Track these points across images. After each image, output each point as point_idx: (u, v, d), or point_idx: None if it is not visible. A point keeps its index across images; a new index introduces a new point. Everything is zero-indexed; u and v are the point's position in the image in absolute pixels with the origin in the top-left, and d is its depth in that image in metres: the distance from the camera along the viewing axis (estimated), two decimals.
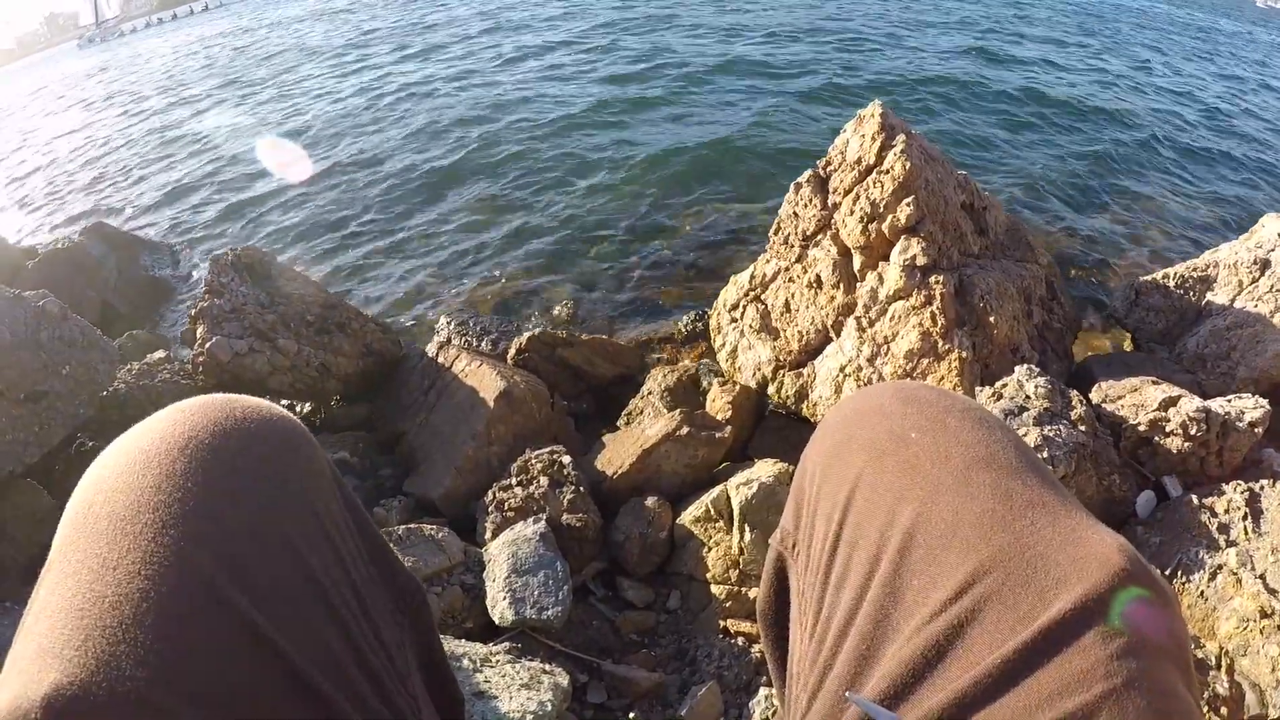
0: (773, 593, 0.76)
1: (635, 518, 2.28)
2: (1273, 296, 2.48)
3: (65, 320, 2.56)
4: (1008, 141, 6.39)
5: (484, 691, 1.55)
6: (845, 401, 0.77)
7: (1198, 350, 2.54)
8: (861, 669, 0.55)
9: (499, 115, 7.68)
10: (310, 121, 8.83)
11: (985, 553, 0.53)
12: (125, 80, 16.98)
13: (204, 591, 0.49)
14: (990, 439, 0.63)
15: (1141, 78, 8.58)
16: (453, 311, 4.34)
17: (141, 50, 23.82)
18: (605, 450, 2.56)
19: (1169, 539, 1.79)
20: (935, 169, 2.63)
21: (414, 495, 2.59)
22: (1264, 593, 1.55)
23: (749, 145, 6.28)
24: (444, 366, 2.96)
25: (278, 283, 3.22)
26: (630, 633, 2.11)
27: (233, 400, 0.61)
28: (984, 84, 7.81)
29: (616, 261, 4.77)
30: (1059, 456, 1.81)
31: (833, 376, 2.58)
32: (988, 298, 2.44)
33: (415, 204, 6.00)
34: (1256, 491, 1.77)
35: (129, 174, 8.56)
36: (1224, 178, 6.00)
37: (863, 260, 2.59)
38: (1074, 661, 0.46)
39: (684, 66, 8.75)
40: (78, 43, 39.58)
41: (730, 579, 2.12)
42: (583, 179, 5.97)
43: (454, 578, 2.03)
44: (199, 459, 0.54)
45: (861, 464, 0.65)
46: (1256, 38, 12.30)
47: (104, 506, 0.52)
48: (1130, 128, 6.86)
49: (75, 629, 0.46)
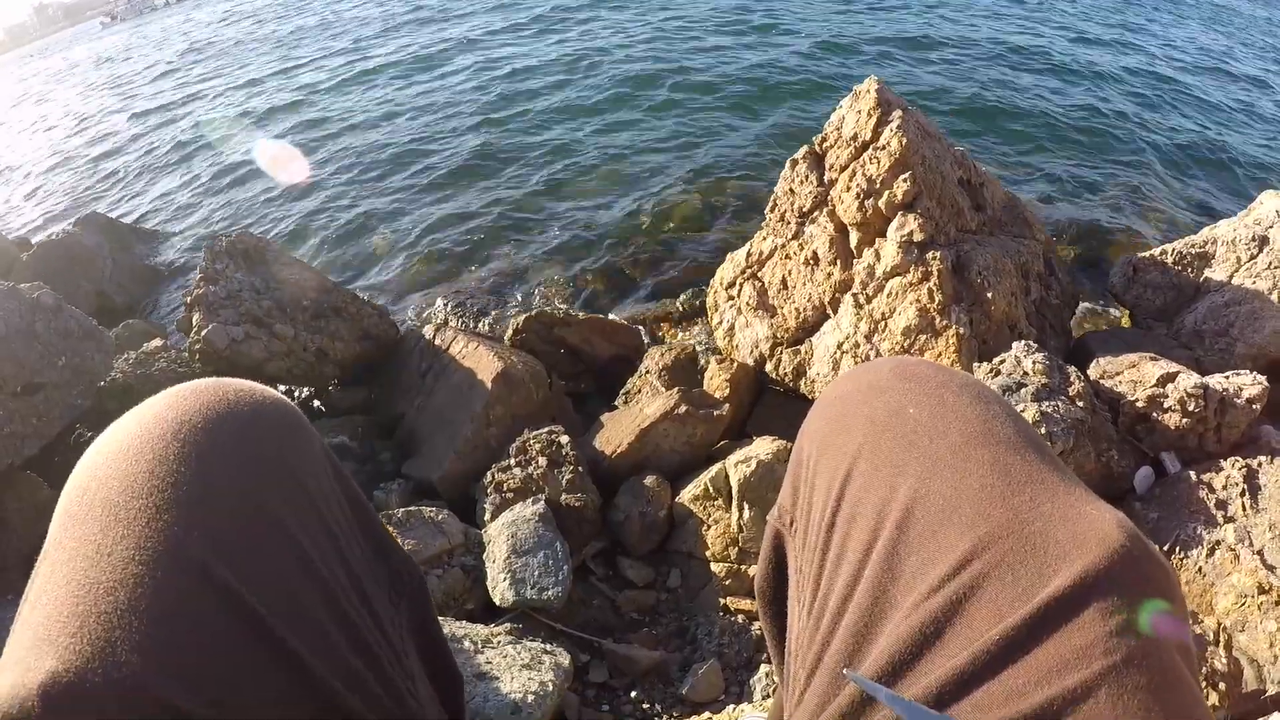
0: (771, 570, 0.76)
1: (634, 497, 2.29)
2: (1271, 273, 2.47)
3: (61, 311, 2.54)
4: (1005, 116, 6.34)
5: (486, 673, 1.56)
6: (842, 377, 0.76)
7: (1196, 327, 2.54)
8: (860, 645, 0.55)
9: (498, 101, 7.61)
10: (313, 107, 8.75)
11: (984, 528, 0.53)
12: (126, 65, 16.76)
13: (198, 576, 0.49)
14: (989, 414, 0.63)
15: (1142, 49, 8.50)
16: (449, 293, 4.34)
17: (156, 30, 23.32)
18: (603, 430, 2.56)
19: (1167, 515, 1.79)
20: (932, 145, 2.61)
21: (413, 478, 2.59)
22: (1262, 568, 1.56)
23: (746, 121, 6.24)
24: (441, 349, 2.95)
25: (273, 268, 3.20)
26: (631, 611, 2.13)
27: (225, 384, 0.61)
28: (980, 51, 7.74)
29: (612, 241, 4.75)
30: (1057, 432, 1.81)
31: (830, 353, 2.58)
32: (985, 274, 2.43)
33: (411, 189, 5.96)
34: (1254, 468, 1.77)
35: (122, 163, 8.50)
36: (1224, 154, 5.96)
37: (859, 237, 2.57)
38: (1074, 637, 0.46)
39: (683, 48, 8.66)
40: (101, 21, 38.77)
41: (730, 557, 2.12)
42: (578, 160, 5.93)
43: (454, 560, 2.03)
44: (192, 443, 0.54)
45: (859, 440, 0.65)
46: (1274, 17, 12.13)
47: (98, 493, 0.52)
48: (1129, 101, 6.81)
49: (70, 616, 0.45)
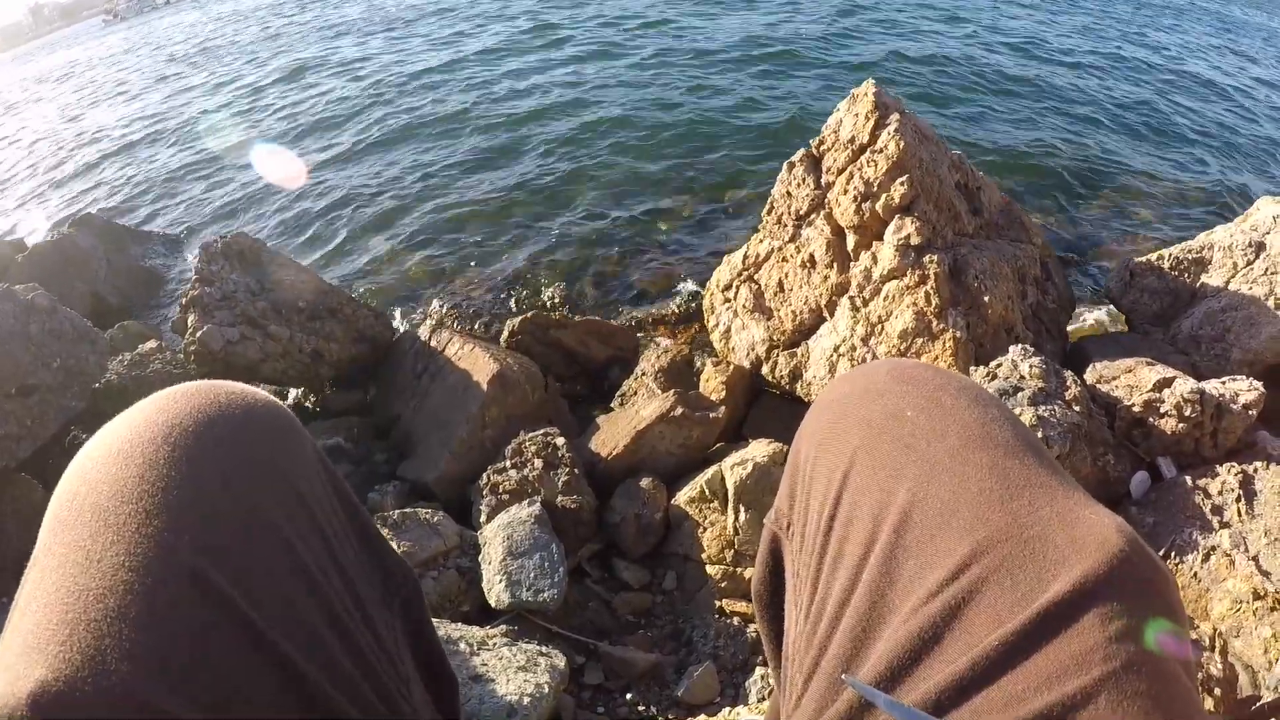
0: (768, 573, 0.75)
1: (630, 499, 2.28)
2: (1268, 279, 2.47)
3: (55, 313, 2.54)
4: (1000, 121, 6.35)
5: (481, 675, 1.55)
6: (840, 379, 0.76)
7: (1192, 332, 2.54)
8: (858, 650, 0.54)
9: (497, 103, 7.59)
10: (310, 109, 8.71)
11: (983, 533, 0.52)
12: (125, 65, 16.66)
13: (189, 582, 0.48)
14: (987, 417, 0.62)
15: (1138, 55, 8.53)
16: (445, 295, 4.33)
17: (158, 28, 23.08)
18: (599, 432, 2.55)
19: (1163, 520, 1.79)
20: (929, 148, 2.62)
21: (409, 479, 2.59)
22: (1257, 574, 1.56)
23: (742, 124, 6.24)
24: (437, 350, 2.95)
25: (268, 269, 3.19)
26: (626, 614, 2.12)
27: (217, 386, 0.60)
28: (981, 64, 7.76)
29: (609, 243, 4.75)
30: (1054, 436, 1.81)
31: (827, 356, 2.58)
32: (982, 277, 2.43)
33: (408, 191, 5.94)
34: (1250, 473, 1.77)
35: (118, 165, 8.45)
36: (1222, 159, 5.98)
37: (856, 240, 2.57)
38: (1073, 643, 0.46)
39: (681, 44, 8.66)
40: (103, 19, 38.18)
41: (725, 559, 2.12)
42: (575, 163, 5.92)
43: (450, 561, 2.03)
44: (182, 447, 0.53)
45: (856, 443, 0.64)
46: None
47: (87, 498, 0.51)
48: (1126, 108, 6.82)
49: (60, 624, 0.45)
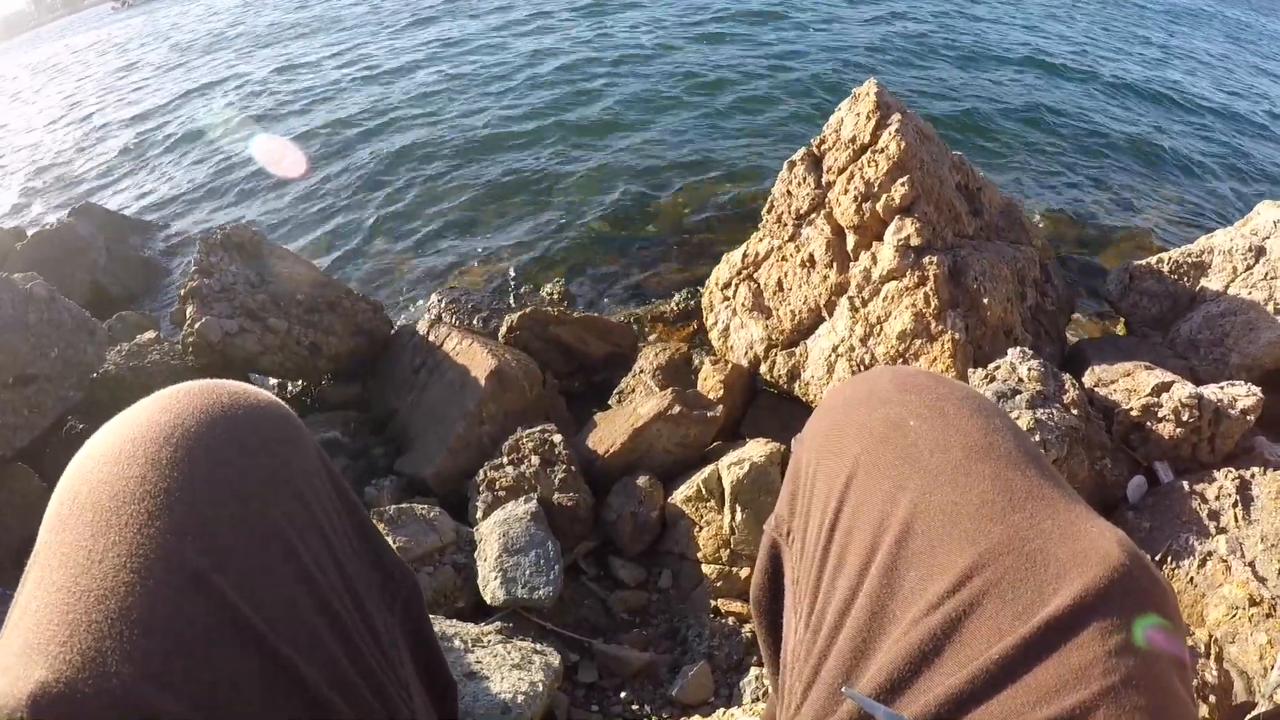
0: (767, 579, 0.75)
1: (627, 497, 2.28)
2: (1267, 284, 2.48)
3: (53, 302, 2.52)
4: (1003, 123, 6.35)
5: (475, 672, 1.55)
6: (842, 386, 0.76)
7: (1191, 336, 2.54)
8: (857, 661, 0.54)
9: (498, 97, 7.58)
10: (314, 101, 8.67)
11: (984, 545, 0.52)
12: (129, 54, 16.55)
13: (190, 584, 0.48)
14: (989, 428, 0.62)
15: (1139, 59, 8.53)
16: (444, 289, 4.31)
17: (168, 17, 22.82)
18: (597, 429, 2.55)
19: (1159, 524, 1.80)
20: (930, 149, 2.61)
21: (405, 474, 2.58)
22: (1253, 580, 1.56)
23: (745, 122, 6.23)
24: (435, 345, 2.94)
25: (268, 261, 3.18)
26: (622, 612, 2.12)
27: (219, 386, 0.60)
28: (984, 61, 7.75)
29: (608, 239, 4.74)
30: (1051, 440, 1.81)
31: (825, 356, 2.58)
32: (981, 279, 2.43)
33: (407, 184, 5.92)
34: (1247, 479, 1.78)
35: (119, 154, 8.40)
36: (1221, 163, 5.98)
37: (856, 240, 2.57)
38: (1073, 657, 0.46)
39: (680, 45, 8.65)
40: (111, 6, 37.37)
41: (721, 559, 2.12)
42: (576, 160, 5.91)
43: (446, 557, 2.03)
44: (184, 448, 0.53)
45: (858, 451, 0.64)
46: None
47: (88, 497, 0.51)
48: (1129, 110, 6.83)
49: (60, 625, 0.45)
